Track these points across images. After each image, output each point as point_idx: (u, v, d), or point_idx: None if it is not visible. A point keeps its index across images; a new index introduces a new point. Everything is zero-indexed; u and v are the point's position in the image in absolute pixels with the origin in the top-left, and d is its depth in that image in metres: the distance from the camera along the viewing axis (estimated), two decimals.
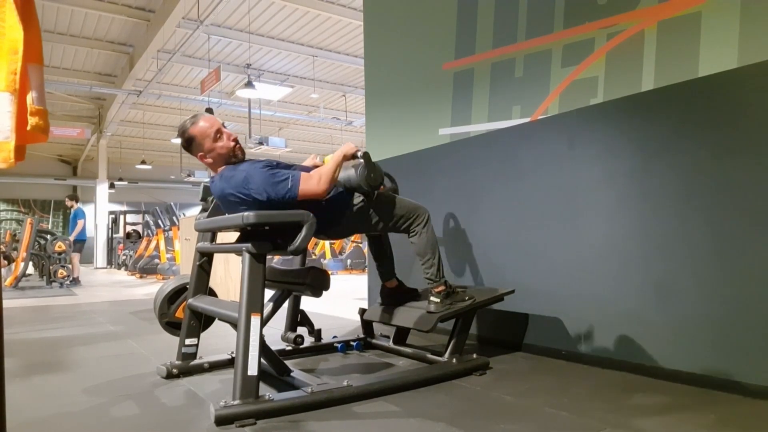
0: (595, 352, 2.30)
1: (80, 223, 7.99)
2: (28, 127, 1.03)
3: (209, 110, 9.35)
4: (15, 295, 6.34)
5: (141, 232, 14.79)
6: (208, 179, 2.36)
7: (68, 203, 8.56)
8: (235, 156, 2.05)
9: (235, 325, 1.79)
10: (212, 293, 2.39)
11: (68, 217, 9.27)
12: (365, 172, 2.09)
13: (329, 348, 2.68)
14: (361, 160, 2.10)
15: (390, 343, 2.61)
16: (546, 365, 2.36)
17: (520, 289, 2.48)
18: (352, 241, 10.98)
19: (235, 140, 2.06)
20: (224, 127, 2.08)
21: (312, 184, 1.93)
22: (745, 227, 1.85)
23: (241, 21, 9.27)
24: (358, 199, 2.20)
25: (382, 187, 2.24)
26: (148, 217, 13.02)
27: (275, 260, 6.71)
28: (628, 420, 1.61)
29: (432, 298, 2.23)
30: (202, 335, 2.30)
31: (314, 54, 10.63)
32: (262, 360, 1.80)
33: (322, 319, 3.57)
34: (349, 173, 2.16)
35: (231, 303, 2.01)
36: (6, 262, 7.51)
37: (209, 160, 2.05)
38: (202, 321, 2.28)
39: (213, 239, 2.39)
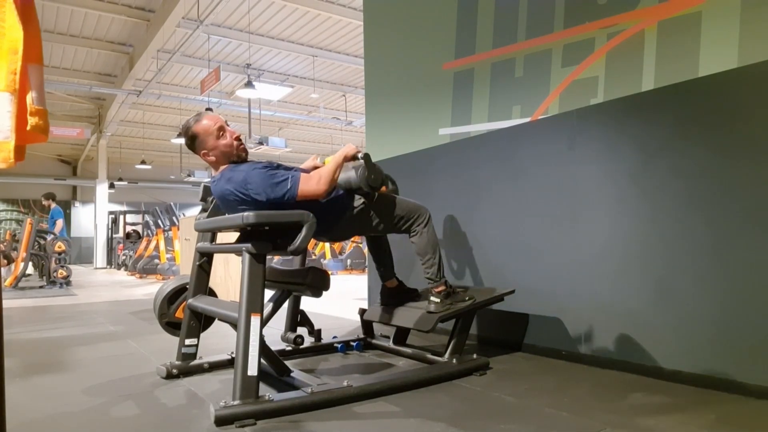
0: (595, 352, 2.30)
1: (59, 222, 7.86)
2: (28, 127, 1.03)
3: (209, 110, 9.33)
4: (15, 295, 6.34)
5: (141, 232, 14.79)
6: (208, 179, 2.36)
7: (44, 202, 8.20)
8: (237, 155, 2.06)
9: (235, 325, 1.79)
10: (212, 293, 2.39)
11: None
12: (365, 174, 2.10)
13: (329, 348, 2.68)
14: (362, 162, 2.10)
15: (390, 344, 2.61)
16: (546, 365, 2.35)
17: (520, 289, 2.48)
18: (352, 242, 10.96)
19: (238, 138, 2.07)
20: (227, 125, 2.09)
21: (312, 184, 1.93)
22: (745, 227, 1.85)
23: (241, 21, 9.27)
24: (358, 201, 2.20)
25: (384, 188, 2.24)
26: (147, 217, 13.01)
27: (275, 260, 6.71)
28: (628, 420, 1.61)
29: (432, 298, 2.23)
30: (202, 335, 2.30)
31: (314, 54, 10.63)
32: (262, 360, 1.79)
33: (322, 319, 3.57)
34: (349, 174, 2.16)
35: (231, 303, 2.01)
36: (6, 261, 7.46)
37: (212, 158, 2.05)
38: (202, 321, 2.28)
39: (213, 239, 2.39)
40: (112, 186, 17.32)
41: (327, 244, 10.94)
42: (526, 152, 2.63)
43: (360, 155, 2.10)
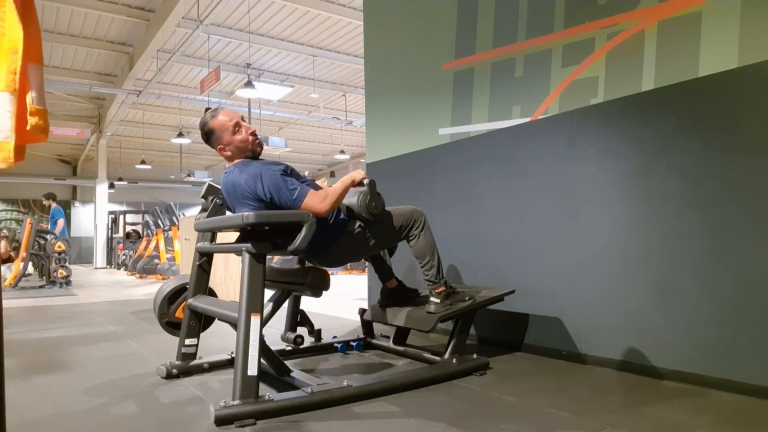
0: (595, 352, 2.30)
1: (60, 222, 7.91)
2: (28, 127, 1.03)
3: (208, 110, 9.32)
4: (15, 295, 6.34)
5: (141, 232, 14.79)
6: (209, 179, 2.36)
7: (45, 202, 8.24)
8: (252, 150, 2.12)
9: (235, 325, 1.79)
10: (212, 293, 2.39)
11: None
12: (367, 200, 2.15)
13: (329, 348, 2.68)
14: (366, 188, 2.16)
15: (390, 344, 2.61)
16: (546, 365, 2.36)
17: (520, 289, 2.48)
18: None
19: (253, 133, 2.12)
20: (243, 120, 2.14)
21: (316, 200, 1.96)
22: (746, 227, 1.85)
23: (241, 21, 9.27)
24: (356, 224, 2.20)
25: None
26: (147, 217, 13.01)
27: (275, 260, 6.70)
28: (628, 420, 1.61)
29: (432, 299, 2.23)
30: (202, 335, 2.30)
31: (314, 54, 10.64)
32: (262, 360, 1.80)
33: (322, 319, 3.57)
34: (351, 200, 2.21)
35: (231, 303, 2.01)
36: (7, 255, 7.43)
37: (228, 153, 2.11)
38: (201, 321, 2.28)
39: (213, 239, 2.39)
40: (112, 186, 17.33)
41: None
42: (526, 152, 2.63)
43: (366, 182, 2.15)
